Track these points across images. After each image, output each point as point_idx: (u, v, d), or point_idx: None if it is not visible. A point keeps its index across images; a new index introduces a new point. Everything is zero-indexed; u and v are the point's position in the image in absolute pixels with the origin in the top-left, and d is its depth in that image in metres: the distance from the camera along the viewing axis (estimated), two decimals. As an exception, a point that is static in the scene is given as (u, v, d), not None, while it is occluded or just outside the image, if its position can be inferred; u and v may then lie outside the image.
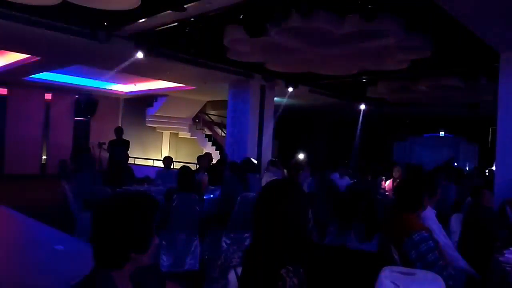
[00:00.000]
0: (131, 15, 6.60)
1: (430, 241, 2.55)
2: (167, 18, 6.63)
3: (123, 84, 14.22)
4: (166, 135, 17.53)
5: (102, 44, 7.47)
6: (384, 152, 16.82)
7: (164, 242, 4.58)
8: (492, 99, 7.50)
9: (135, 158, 13.48)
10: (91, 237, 1.43)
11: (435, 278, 1.96)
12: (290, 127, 17.93)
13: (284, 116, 13.36)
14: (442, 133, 16.69)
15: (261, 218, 1.65)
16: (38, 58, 9.52)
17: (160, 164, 11.64)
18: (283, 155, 14.63)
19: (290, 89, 11.03)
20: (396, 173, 7.55)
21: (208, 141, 16.64)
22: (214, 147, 16.06)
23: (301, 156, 14.63)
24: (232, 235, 5.03)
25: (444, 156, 13.33)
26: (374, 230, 4.34)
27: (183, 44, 7.64)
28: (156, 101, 15.45)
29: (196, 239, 4.74)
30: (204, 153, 8.63)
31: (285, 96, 11.59)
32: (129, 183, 6.51)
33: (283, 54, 7.93)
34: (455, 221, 4.24)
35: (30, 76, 11.98)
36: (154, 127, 16.38)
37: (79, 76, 12.96)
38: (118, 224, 1.38)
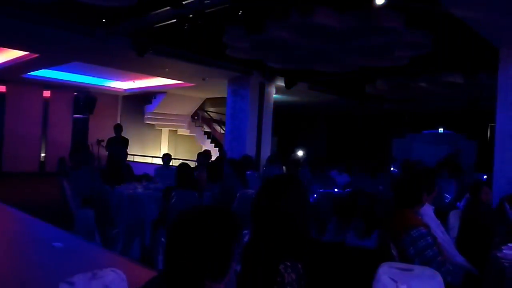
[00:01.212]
0: (129, 12, 6.58)
1: (428, 237, 2.55)
2: (165, 14, 6.62)
3: (121, 81, 14.19)
4: (165, 132, 17.51)
5: (100, 41, 7.46)
6: (383, 149, 16.82)
7: (163, 240, 4.57)
8: (491, 95, 7.51)
9: (134, 155, 13.47)
10: (165, 259, 1.26)
11: (433, 274, 1.96)
12: (289, 124, 17.93)
13: (283, 112, 13.36)
14: (441, 130, 16.69)
15: (260, 213, 1.65)
16: (37, 55, 9.49)
17: (159, 161, 11.62)
18: (282, 152, 14.64)
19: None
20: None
21: (207, 138, 16.63)
22: (213, 144, 16.05)
23: (300, 152, 14.64)
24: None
25: (443, 153, 13.32)
26: (373, 227, 4.35)
27: (181, 41, 7.62)
28: (154, 98, 15.42)
29: (195, 236, 4.74)
30: (203, 150, 8.63)
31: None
32: (128, 181, 6.51)
33: (282, 50, 7.91)
34: (454, 217, 4.25)
35: (29, 73, 11.95)
36: (153, 124, 16.35)
37: (77, 73, 12.94)
38: (194, 248, 1.19)
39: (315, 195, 6.22)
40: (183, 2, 5.89)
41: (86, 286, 1.51)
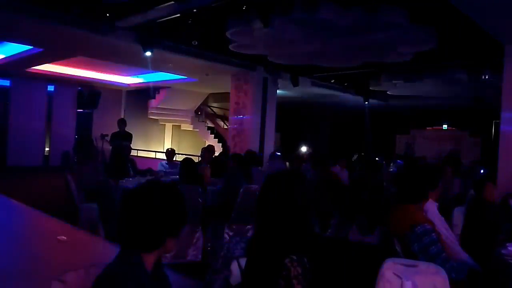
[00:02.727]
0: (133, 7, 6.57)
1: (433, 234, 2.55)
2: (169, 9, 6.60)
3: (125, 76, 14.19)
4: (168, 127, 17.53)
5: (104, 36, 7.45)
6: (387, 145, 16.80)
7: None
8: (495, 92, 7.48)
9: (137, 150, 13.50)
10: (124, 221, 1.44)
11: (437, 270, 1.97)
12: (292, 120, 17.91)
13: (286, 108, 13.33)
14: (445, 126, 16.64)
15: (265, 208, 1.66)
16: (41, 49, 9.51)
17: (162, 156, 11.65)
18: (285, 147, 14.63)
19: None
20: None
21: (211, 133, 16.65)
22: (217, 139, 16.07)
23: (303, 148, 14.64)
24: (234, 227, 5.05)
25: (447, 150, 13.31)
26: (376, 223, 4.35)
27: (185, 36, 7.60)
28: (158, 93, 15.43)
29: (198, 231, 4.75)
30: (206, 145, 8.64)
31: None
32: (132, 175, 6.52)
33: (286, 46, 7.89)
34: (458, 214, 4.24)
35: (33, 67, 11.97)
36: (157, 119, 16.38)
37: (81, 68, 12.95)
38: (163, 208, 1.43)
39: (317, 190, 6.21)
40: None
41: (78, 284, 1.51)
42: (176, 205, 1.48)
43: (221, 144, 14.68)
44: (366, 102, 13.30)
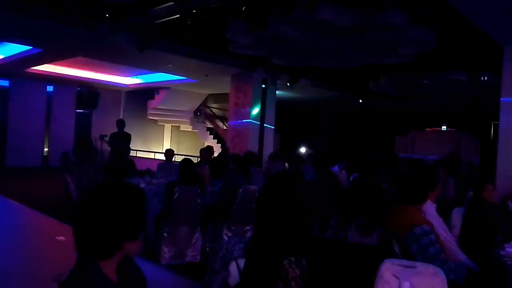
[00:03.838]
0: (132, 7, 6.57)
1: (432, 235, 2.55)
2: (169, 10, 6.60)
3: (125, 76, 14.19)
4: (167, 128, 17.53)
5: (103, 36, 7.45)
6: (386, 146, 16.79)
7: (165, 234, 4.60)
8: (494, 93, 7.49)
9: (136, 150, 13.49)
10: (76, 228, 1.35)
11: (436, 271, 1.97)
12: (292, 121, 17.91)
13: (286, 109, 13.33)
14: (444, 128, 16.66)
15: (264, 209, 1.66)
16: (40, 49, 9.50)
17: (161, 157, 11.64)
18: (285, 148, 14.63)
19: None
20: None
21: (210, 134, 16.65)
22: (216, 140, 16.06)
23: (302, 149, 14.63)
24: (233, 228, 5.05)
25: (446, 151, 13.30)
26: (375, 224, 4.35)
27: (185, 37, 7.60)
28: (157, 93, 15.43)
29: (197, 232, 4.75)
30: (205, 146, 8.63)
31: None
32: (131, 176, 6.51)
33: (285, 46, 7.89)
34: (456, 215, 4.23)
35: (32, 68, 11.97)
36: (156, 119, 16.38)
37: (81, 69, 12.94)
38: (112, 211, 1.34)
39: (317, 191, 6.21)
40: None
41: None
42: (128, 206, 1.37)
43: (220, 144, 14.68)
44: (364, 103, 13.31)
